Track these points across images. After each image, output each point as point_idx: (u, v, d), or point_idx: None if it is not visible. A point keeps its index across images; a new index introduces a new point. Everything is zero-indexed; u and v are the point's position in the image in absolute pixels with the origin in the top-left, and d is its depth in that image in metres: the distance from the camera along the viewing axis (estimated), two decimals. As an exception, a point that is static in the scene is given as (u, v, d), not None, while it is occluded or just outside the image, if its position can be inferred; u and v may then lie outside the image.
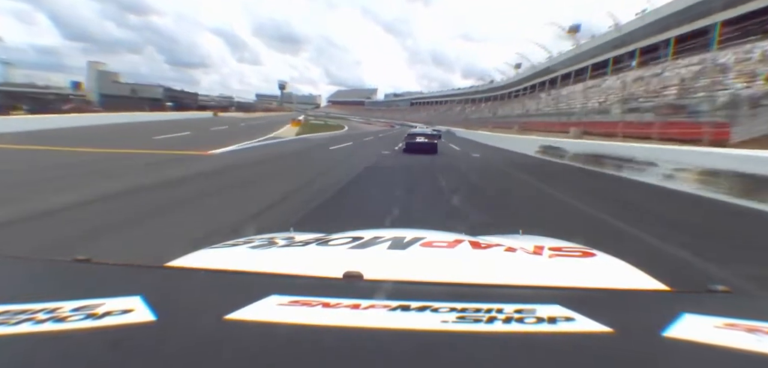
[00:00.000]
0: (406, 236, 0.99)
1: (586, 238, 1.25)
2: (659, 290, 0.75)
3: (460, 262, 0.89)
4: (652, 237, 3.92)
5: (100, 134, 14.83)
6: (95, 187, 5.52)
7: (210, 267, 0.81)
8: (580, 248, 1.03)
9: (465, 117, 58.31)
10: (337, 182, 6.91)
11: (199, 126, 23.39)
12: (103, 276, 0.65)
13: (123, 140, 12.99)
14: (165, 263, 0.83)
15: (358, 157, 12.00)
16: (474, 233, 1.15)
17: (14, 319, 0.41)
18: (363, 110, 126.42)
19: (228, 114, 53.33)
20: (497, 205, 6.06)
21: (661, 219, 5.07)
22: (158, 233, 3.62)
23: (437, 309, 0.45)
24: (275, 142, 16.00)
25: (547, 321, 0.43)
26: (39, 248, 3.00)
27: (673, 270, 3.02)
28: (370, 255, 0.90)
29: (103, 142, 11.83)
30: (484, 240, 1.04)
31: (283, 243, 1.04)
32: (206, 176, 7.23)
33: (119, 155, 9.50)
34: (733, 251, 3.66)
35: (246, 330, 0.42)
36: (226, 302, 0.48)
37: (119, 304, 0.46)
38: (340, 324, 0.42)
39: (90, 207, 4.42)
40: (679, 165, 7.94)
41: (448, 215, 4.85)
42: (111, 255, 2.11)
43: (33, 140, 11.54)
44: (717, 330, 0.42)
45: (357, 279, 0.62)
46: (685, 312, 0.46)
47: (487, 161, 13.26)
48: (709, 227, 4.78)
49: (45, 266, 0.73)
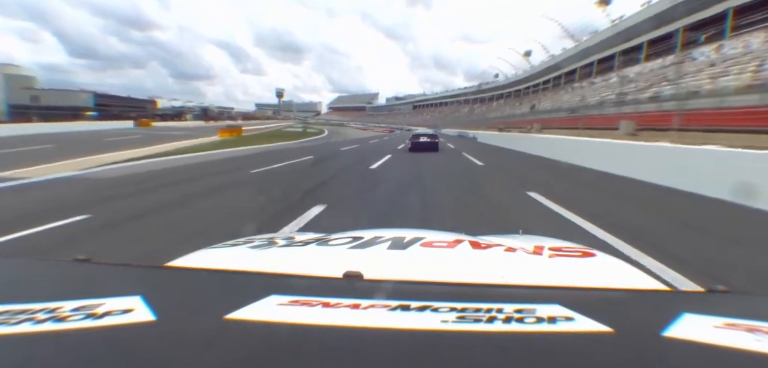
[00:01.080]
0: (406, 236, 1.00)
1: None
2: (659, 290, 0.75)
3: (460, 262, 0.89)
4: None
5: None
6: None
7: (210, 267, 0.81)
8: (580, 249, 1.03)
9: (476, 117, 53.98)
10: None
11: (79, 139, 19.93)
12: (103, 275, 0.65)
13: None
14: (165, 264, 0.83)
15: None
16: (474, 234, 1.14)
17: (14, 319, 0.41)
18: (364, 116, 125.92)
19: (167, 123, 48.50)
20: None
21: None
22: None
23: (437, 309, 0.45)
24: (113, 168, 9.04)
25: (547, 321, 0.43)
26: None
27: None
28: (370, 255, 0.90)
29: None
30: (484, 240, 1.04)
31: (283, 243, 1.05)
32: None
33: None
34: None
35: (246, 330, 0.42)
36: (226, 302, 0.48)
37: (119, 304, 0.46)
38: (340, 324, 0.42)
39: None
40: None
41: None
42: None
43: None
44: (717, 330, 0.42)
45: (357, 278, 0.62)
46: (685, 312, 0.46)
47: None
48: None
49: (45, 266, 0.73)
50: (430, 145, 15.57)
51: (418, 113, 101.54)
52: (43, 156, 11.76)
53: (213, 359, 0.37)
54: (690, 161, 6.86)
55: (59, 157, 11.59)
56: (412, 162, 11.52)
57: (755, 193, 5.00)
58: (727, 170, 5.83)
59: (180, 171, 9.17)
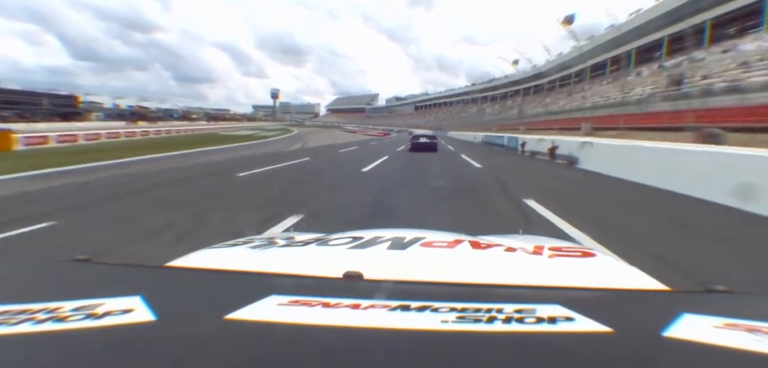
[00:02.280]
0: (406, 236, 1.00)
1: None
2: (659, 290, 0.75)
3: (460, 262, 0.89)
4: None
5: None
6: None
7: (210, 267, 0.81)
8: (580, 249, 1.03)
9: (489, 118, 48.71)
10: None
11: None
12: (103, 276, 0.65)
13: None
14: (165, 264, 0.83)
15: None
16: (474, 234, 1.15)
17: (14, 319, 0.41)
18: (363, 118, 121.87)
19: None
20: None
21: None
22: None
23: (437, 309, 0.45)
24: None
25: (547, 321, 0.43)
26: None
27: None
28: (370, 255, 0.90)
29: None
30: (484, 240, 1.04)
31: (283, 243, 1.05)
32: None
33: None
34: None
35: (246, 330, 0.42)
36: (226, 302, 0.48)
37: (119, 304, 0.46)
38: (340, 324, 0.42)
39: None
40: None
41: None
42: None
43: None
44: (717, 330, 0.42)
45: (357, 278, 0.62)
46: (685, 312, 0.46)
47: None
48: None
49: (45, 266, 0.73)
50: (429, 145, 16.74)
51: (420, 113, 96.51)
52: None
53: (213, 359, 0.37)
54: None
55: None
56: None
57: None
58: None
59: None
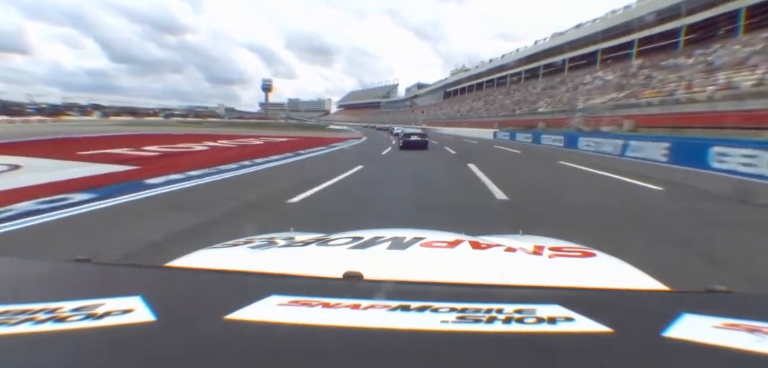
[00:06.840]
0: (406, 237, 1.00)
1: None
2: (659, 290, 0.75)
3: (460, 262, 0.89)
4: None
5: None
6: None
7: (210, 267, 0.81)
8: (580, 248, 1.03)
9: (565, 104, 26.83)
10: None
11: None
12: (103, 276, 0.65)
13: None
14: (165, 264, 0.83)
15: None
16: (474, 234, 1.15)
17: (14, 319, 0.41)
18: (380, 113, 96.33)
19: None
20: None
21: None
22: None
23: (437, 309, 0.45)
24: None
25: (547, 321, 0.43)
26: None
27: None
28: (370, 255, 0.90)
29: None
30: (484, 240, 1.04)
31: (283, 243, 1.05)
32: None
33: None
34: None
35: (246, 330, 0.42)
36: (226, 302, 0.48)
37: (119, 304, 0.46)
38: (340, 324, 0.42)
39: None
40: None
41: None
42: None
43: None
44: (717, 330, 0.41)
45: (357, 279, 0.62)
46: (685, 312, 0.46)
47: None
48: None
49: (45, 266, 0.73)
50: (419, 144, 16.59)
51: (449, 103, 65.49)
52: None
53: (213, 359, 0.37)
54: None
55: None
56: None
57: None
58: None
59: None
